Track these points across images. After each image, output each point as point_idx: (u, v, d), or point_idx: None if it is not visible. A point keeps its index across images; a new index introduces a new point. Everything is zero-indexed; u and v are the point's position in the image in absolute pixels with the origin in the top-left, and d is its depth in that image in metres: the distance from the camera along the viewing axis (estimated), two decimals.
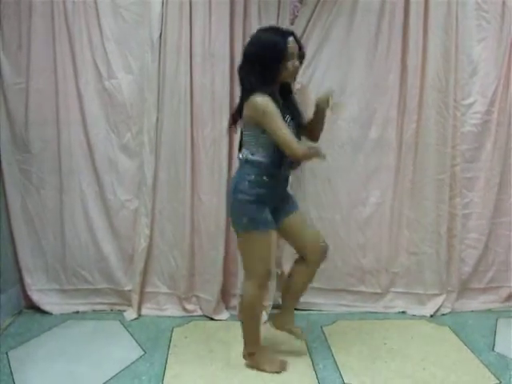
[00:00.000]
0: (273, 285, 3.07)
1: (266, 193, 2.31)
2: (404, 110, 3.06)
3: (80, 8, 2.90)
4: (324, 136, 3.01)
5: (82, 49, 2.94)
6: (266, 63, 2.18)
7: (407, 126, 3.06)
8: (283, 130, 2.18)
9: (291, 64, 2.21)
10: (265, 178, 2.29)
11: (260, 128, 2.22)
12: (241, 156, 2.35)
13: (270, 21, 2.84)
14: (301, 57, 2.29)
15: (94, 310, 3.19)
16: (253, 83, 2.21)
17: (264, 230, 2.34)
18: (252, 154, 2.29)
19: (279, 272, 3.15)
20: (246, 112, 2.25)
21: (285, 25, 2.83)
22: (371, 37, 2.98)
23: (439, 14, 2.93)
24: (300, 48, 2.28)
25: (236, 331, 2.90)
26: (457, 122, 3.05)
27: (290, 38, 2.21)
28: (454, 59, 2.96)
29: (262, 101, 2.17)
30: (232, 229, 2.57)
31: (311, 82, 3.01)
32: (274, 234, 2.42)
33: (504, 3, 3.00)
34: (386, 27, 2.96)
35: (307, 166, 3.07)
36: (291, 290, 2.61)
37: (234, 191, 2.33)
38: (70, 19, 2.90)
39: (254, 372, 2.49)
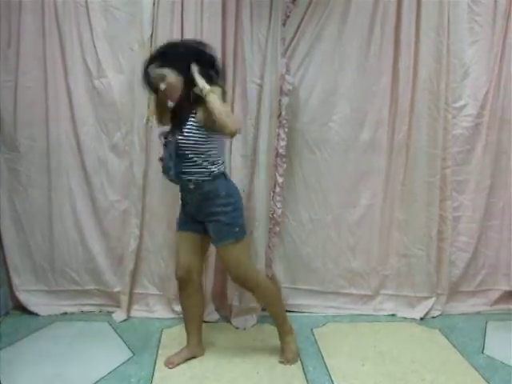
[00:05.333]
0: None
1: (181, 193, 2.51)
2: (395, 112, 3.05)
3: (70, 6, 2.86)
4: (315, 137, 3.05)
5: (73, 47, 2.91)
6: None
7: (399, 128, 3.06)
8: None
9: (159, 88, 2.28)
10: None
11: None
12: None
13: (262, 21, 2.82)
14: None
15: (82, 312, 3.15)
16: None
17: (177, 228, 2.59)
18: None
19: (269, 275, 3.12)
20: None
21: (277, 25, 2.82)
22: (364, 38, 2.97)
23: (431, 16, 2.92)
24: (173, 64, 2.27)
25: (225, 333, 2.90)
26: (448, 124, 3.05)
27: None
28: (445, 62, 2.96)
29: None
30: None
31: (303, 82, 3.00)
32: (180, 236, 2.55)
33: (496, 7, 3.02)
34: (379, 29, 2.96)
35: (298, 167, 3.08)
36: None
37: None
38: (60, 17, 2.86)
39: (242, 373, 2.48)
